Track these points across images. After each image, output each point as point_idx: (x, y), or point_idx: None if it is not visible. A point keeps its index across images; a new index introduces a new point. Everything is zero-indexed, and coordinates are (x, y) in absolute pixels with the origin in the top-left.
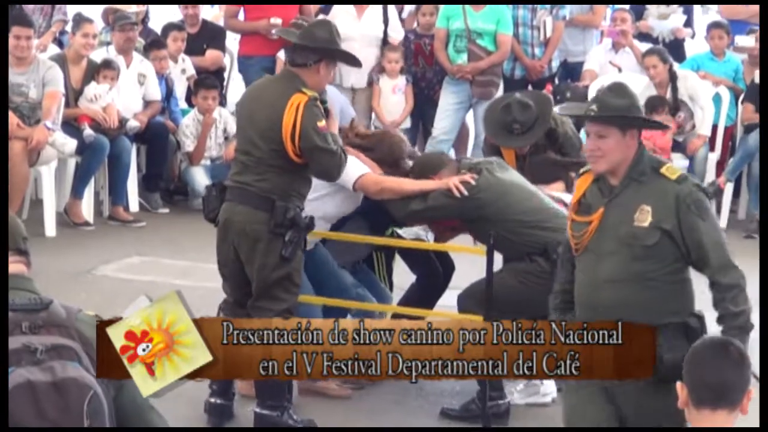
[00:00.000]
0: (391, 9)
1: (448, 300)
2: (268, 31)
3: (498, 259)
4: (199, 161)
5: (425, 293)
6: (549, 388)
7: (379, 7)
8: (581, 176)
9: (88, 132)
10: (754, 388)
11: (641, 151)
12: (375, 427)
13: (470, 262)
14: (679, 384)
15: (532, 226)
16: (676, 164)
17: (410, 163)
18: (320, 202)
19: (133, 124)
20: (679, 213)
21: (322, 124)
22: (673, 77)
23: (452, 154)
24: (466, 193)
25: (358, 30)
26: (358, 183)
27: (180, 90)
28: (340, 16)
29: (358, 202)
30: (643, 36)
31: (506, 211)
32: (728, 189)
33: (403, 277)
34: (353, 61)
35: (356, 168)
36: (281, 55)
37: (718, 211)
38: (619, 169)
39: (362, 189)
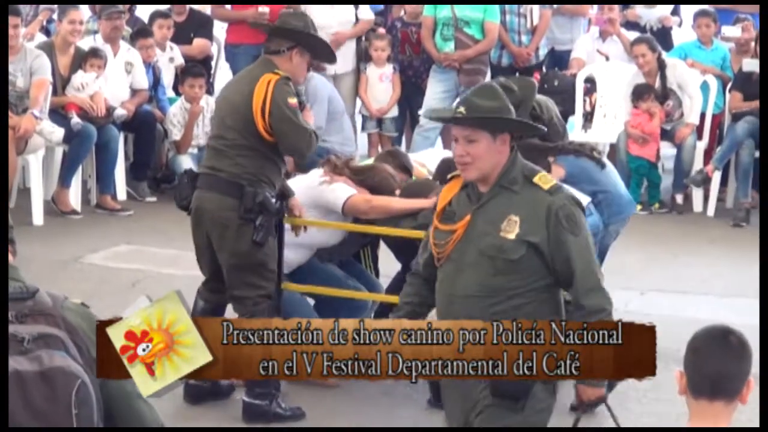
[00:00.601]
0: None
1: None
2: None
3: None
4: (186, 150)
5: None
6: None
7: None
8: (448, 182)
9: (75, 120)
10: (754, 379)
11: (514, 157)
12: (362, 428)
13: None
14: (678, 372)
15: None
16: (665, 152)
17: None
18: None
19: (121, 112)
20: (549, 226)
21: (293, 101)
22: (662, 66)
23: (439, 142)
24: None
25: (333, 17)
26: (348, 203)
27: (167, 78)
28: (313, 5)
29: (344, 232)
30: (630, 24)
31: None
32: (716, 177)
33: (389, 265)
34: (327, 53)
35: (345, 190)
36: None
37: (706, 199)
38: (490, 177)
39: (352, 208)
